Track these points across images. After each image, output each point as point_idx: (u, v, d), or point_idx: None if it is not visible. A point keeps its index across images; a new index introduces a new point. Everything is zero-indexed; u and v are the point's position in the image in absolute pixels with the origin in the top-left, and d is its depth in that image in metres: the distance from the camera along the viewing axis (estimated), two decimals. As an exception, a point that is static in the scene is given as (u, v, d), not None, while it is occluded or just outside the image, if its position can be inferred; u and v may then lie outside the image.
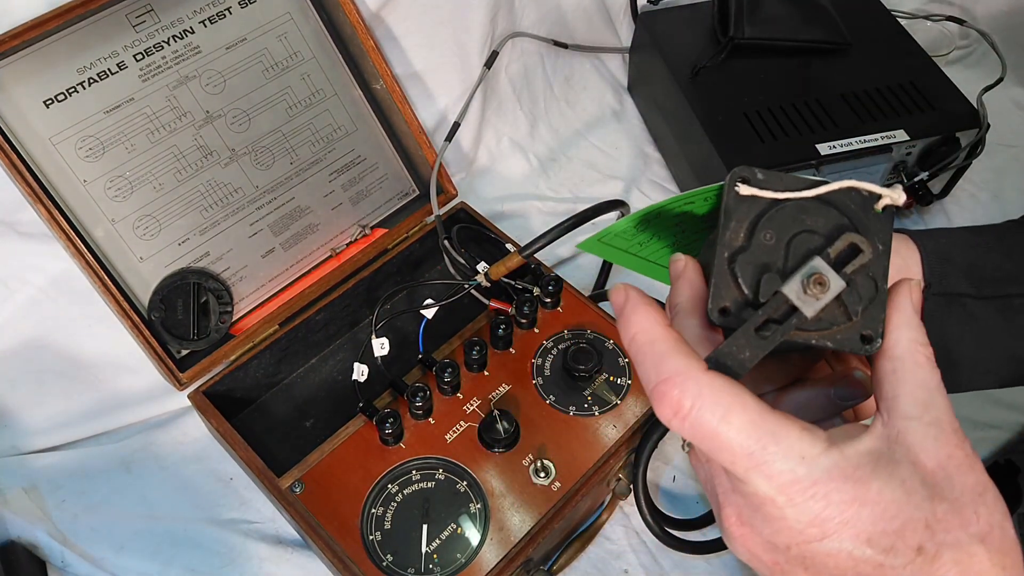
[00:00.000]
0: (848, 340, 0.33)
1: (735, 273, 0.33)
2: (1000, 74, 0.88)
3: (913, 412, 0.31)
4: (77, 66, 0.61)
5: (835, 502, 0.29)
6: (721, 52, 0.86)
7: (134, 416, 0.71)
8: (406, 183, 0.78)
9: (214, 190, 0.67)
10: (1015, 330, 0.43)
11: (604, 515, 0.66)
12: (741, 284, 0.33)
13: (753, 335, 0.31)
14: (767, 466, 0.29)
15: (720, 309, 0.33)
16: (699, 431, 0.30)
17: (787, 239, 0.33)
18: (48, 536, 0.62)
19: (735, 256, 0.33)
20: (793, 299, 0.31)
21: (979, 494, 0.30)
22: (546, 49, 0.95)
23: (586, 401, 0.63)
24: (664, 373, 0.31)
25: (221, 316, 0.67)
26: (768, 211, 0.33)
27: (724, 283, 0.33)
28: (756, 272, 0.33)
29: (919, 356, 0.32)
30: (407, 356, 0.68)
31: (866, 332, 0.33)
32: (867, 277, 0.33)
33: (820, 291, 0.31)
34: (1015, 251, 0.44)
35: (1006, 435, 0.72)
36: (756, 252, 0.33)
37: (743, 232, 0.33)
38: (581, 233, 0.84)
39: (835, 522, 0.29)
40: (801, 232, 0.33)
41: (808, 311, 0.31)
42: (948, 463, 0.30)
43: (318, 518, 0.57)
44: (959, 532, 0.29)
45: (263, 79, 0.69)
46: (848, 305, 0.32)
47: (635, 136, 0.97)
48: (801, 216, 0.33)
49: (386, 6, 0.78)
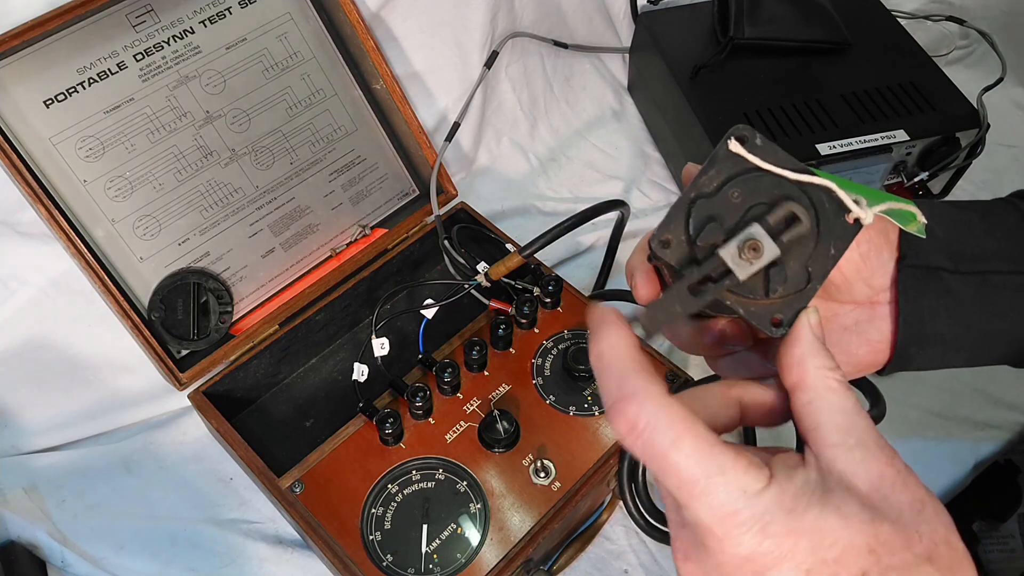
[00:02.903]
0: (759, 315, 0.33)
1: (689, 213, 0.34)
2: (1000, 74, 0.88)
3: (836, 439, 0.31)
4: (77, 66, 0.61)
5: (771, 535, 0.29)
6: (721, 52, 0.86)
7: (134, 416, 0.71)
8: (406, 183, 0.78)
9: (214, 190, 0.67)
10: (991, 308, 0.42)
11: (604, 515, 0.66)
12: (690, 225, 0.34)
13: (686, 292, 0.33)
14: (709, 496, 0.29)
15: (662, 240, 0.34)
16: (650, 451, 0.30)
17: (750, 205, 0.34)
18: (48, 536, 0.62)
19: (697, 199, 0.34)
20: (727, 260, 0.32)
21: (918, 511, 0.30)
22: (546, 49, 0.95)
23: (586, 401, 0.63)
24: (625, 390, 0.31)
25: (221, 316, 0.67)
26: (747, 174, 0.34)
27: (676, 219, 0.34)
28: (705, 220, 0.34)
29: (830, 382, 0.32)
30: (407, 356, 0.68)
31: (777, 317, 0.33)
32: (803, 268, 0.33)
33: (754, 256, 0.32)
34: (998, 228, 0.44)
35: (1006, 435, 0.72)
36: (717, 203, 0.34)
37: (716, 183, 0.34)
38: (581, 233, 0.85)
39: (773, 556, 0.29)
40: (763, 204, 0.34)
41: (741, 274, 0.32)
42: (881, 483, 0.30)
43: (318, 518, 0.57)
44: (904, 554, 0.29)
45: (263, 79, 0.69)
46: (770, 281, 0.33)
47: (635, 136, 0.97)
48: (774, 191, 0.34)
49: (386, 6, 0.78)
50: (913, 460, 0.33)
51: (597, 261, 0.80)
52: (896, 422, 0.34)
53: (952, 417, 0.73)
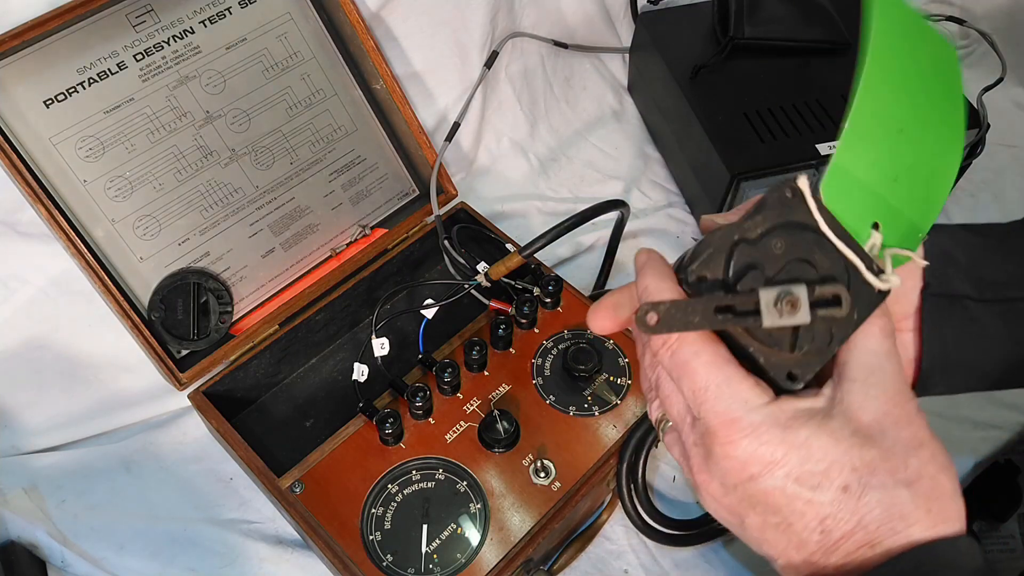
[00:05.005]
0: (778, 366, 0.35)
1: (731, 255, 0.34)
2: (1000, 74, 0.88)
3: (858, 375, 0.35)
4: (77, 66, 0.61)
5: (766, 443, 0.33)
6: (721, 52, 0.86)
7: (134, 416, 0.71)
8: (406, 183, 0.78)
9: (214, 190, 0.67)
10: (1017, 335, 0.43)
11: (604, 515, 0.66)
12: (729, 267, 0.34)
13: (711, 308, 0.34)
14: (715, 402, 0.34)
15: (699, 276, 0.35)
16: (676, 359, 0.35)
17: (790, 258, 0.35)
18: (48, 536, 0.62)
19: (740, 242, 0.34)
20: (762, 304, 0.33)
21: (914, 447, 0.34)
22: (546, 49, 0.95)
23: (586, 401, 0.63)
24: None
25: (221, 316, 0.67)
26: (792, 225, 0.35)
27: (717, 258, 0.35)
28: (746, 267, 0.34)
29: (872, 327, 0.36)
30: (407, 356, 0.68)
31: (795, 371, 0.35)
32: (828, 330, 0.35)
33: (788, 311, 0.33)
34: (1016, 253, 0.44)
35: (1006, 435, 0.72)
36: (759, 250, 0.34)
37: (761, 229, 0.35)
38: (581, 233, 0.85)
39: (766, 460, 0.33)
40: (804, 260, 0.35)
41: (766, 321, 0.33)
42: (884, 419, 0.34)
43: (318, 518, 0.57)
44: (885, 477, 0.33)
45: (263, 79, 0.69)
46: (799, 339, 0.34)
47: (635, 136, 0.97)
48: (815, 248, 0.35)
49: (386, 6, 0.78)
50: (913, 460, 0.33)
51: (597, 261, 0.80)
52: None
53: (952, 417, 0.73)
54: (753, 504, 0.34)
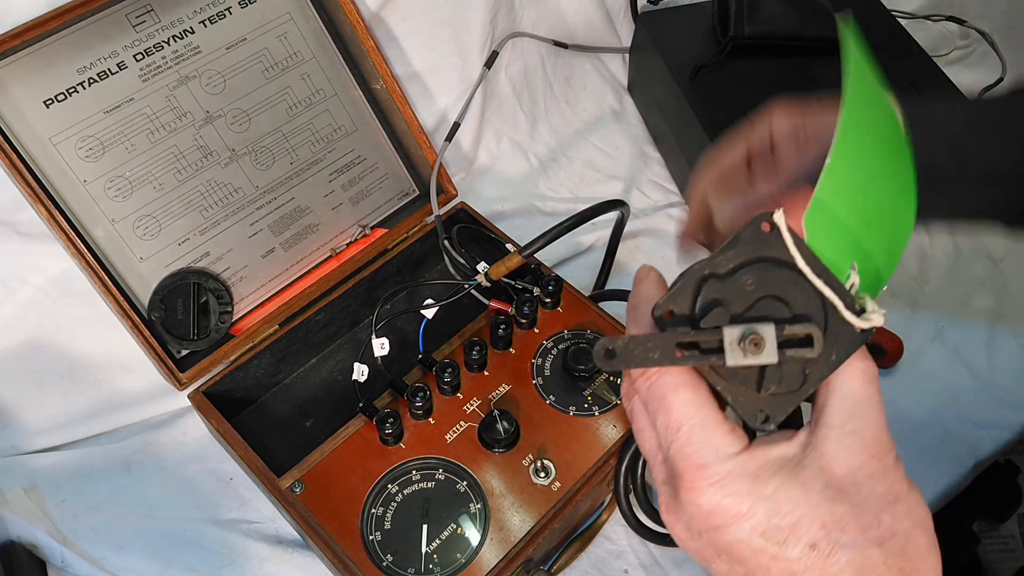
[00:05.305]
0: (747, 407, 0.33)
1: (699, 290, 0.33)
2: (1000, 74, 0.88)
3: (835, 421, 0.33)
4: (77, 66, 0.61)
5: (732, 494, 0.32)
6: (721, 52, 0.86)
7: (134, 416, 0.71)
8: (406, 183, 0.78)
9: (214, 190, 0.67)
10: None
11: (604, 515, 0.66)
12: (697, 303, 0.33)
13: (672, 344, 0.33)
14: (686, 444, 0.33)
15: (667, 311, 0.34)
16: (653, 391, 0.34)
17: (761, 295, 0.33)
18: (48, 536, 0.62)
19: (709, 278, 0.33)
20: (726, 342, 0.32)
21: (888, 502, 0.32)
22: (546, 49, 0.95)
23: (586, 401, 0.63)
24: None
25: (221, 316, 0.67)
26: (768, 261, 0.33)
27: (684, 293, 0.34)
28: (712, 303, 0.33)
29: (854, 369, 0.34)
30: (407, 356, 0.68)
31: (767, 413, 0.34)
32: (801, 371, 0.33)
33: (752, 352, 0.32)
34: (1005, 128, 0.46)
35: (1006, 435, 0.72)
36: (728, 287, 0.33)
37: (733, 264, 0.33)
38: (581, 233, 0.85)
39: (732, 513, 0.32)
40: (777, 298, 0.33)
41: (730, 359, 0.32)
42: (859, 472, 0.32)
43: (318, 518, 0.57)
44: (856, 534, 0.31)
45: (263, 79, 0.69)
46: (764, 380, 0.33)
47: (635, 136, 0.97)
48: (790, 285, 0.33)
49: (386, 6, 0.78)
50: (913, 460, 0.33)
51: (597, 261, 0.80)
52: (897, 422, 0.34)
53: (952, 417, 0.73)
54: (719, 552, 0.33)
